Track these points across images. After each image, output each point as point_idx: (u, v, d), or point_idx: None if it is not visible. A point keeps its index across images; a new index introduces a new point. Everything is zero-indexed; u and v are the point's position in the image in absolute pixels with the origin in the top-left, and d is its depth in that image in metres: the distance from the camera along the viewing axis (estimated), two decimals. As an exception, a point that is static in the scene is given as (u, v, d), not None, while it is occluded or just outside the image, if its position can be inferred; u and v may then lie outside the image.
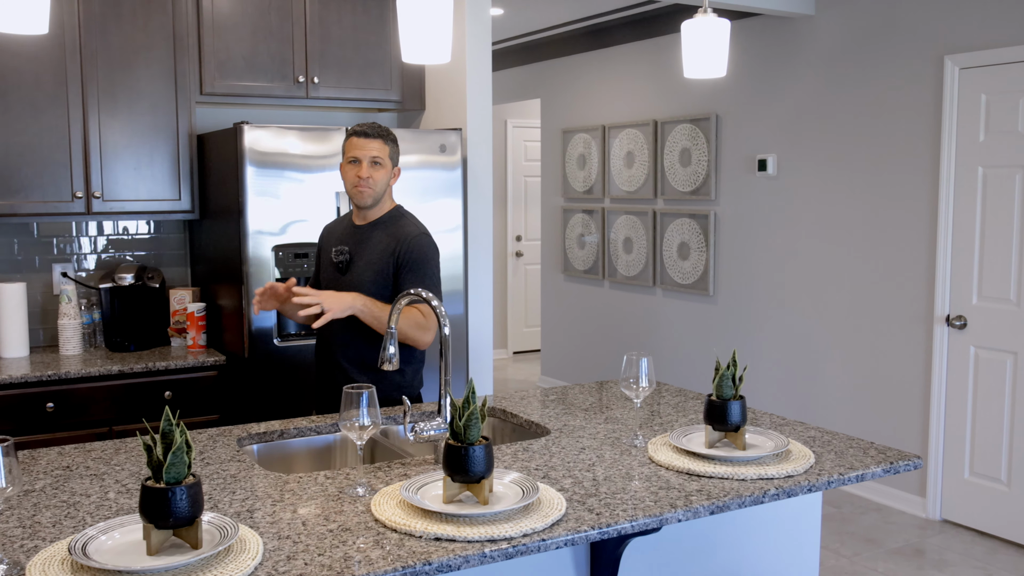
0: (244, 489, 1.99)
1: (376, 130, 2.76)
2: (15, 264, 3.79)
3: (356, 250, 2.82)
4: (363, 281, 2.76)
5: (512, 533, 1.70)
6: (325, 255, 2.92)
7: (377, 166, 2.75)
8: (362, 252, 2.80)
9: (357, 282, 2.76)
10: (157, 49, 3.65)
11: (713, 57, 2.58)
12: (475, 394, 1.86)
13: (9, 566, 1.56)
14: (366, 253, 2.79)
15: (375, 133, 2.76)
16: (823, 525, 4.35)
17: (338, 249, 2.84)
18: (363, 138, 2.75)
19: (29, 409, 3.26)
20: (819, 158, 4.95)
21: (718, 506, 1.91)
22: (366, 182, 2.74)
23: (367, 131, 2.75)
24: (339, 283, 2.80)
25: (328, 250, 2.90)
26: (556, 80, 7.02)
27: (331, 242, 2.90)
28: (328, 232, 2.97)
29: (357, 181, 2.75)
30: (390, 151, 2.79)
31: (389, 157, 2.78)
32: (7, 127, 3.43)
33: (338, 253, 2.84)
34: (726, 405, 2.17)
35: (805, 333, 5.09)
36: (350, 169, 2.76)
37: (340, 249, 2.84)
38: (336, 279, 2.83)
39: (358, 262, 2.80)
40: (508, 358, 8.69)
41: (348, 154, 2.77)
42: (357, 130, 2.77)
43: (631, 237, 6.28)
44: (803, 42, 5.00)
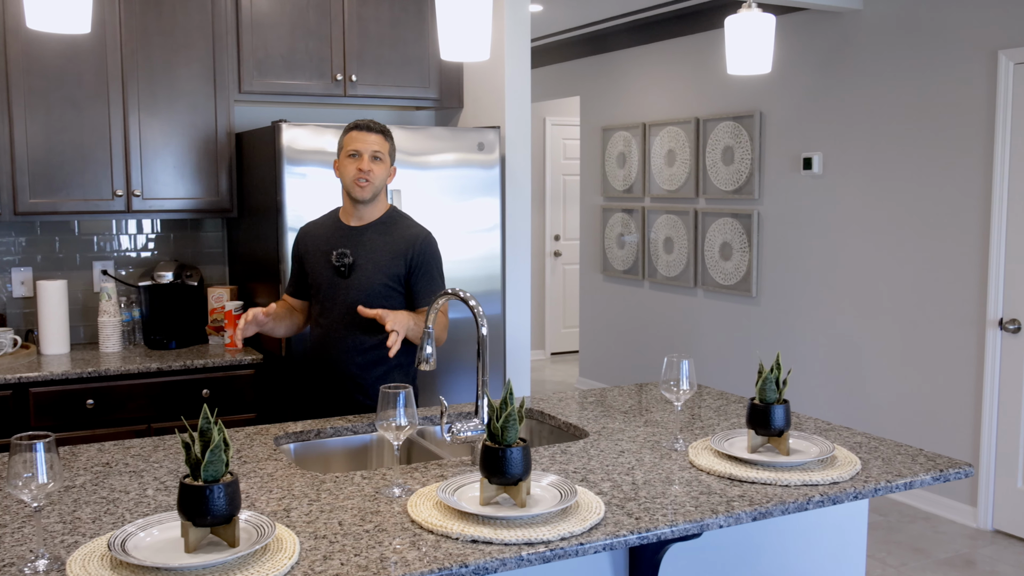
0: (281, 488, 2.01)
1: (376, 125, 2.78)
2: (56, 262, 3.87)
3: (358, 252, 2.78)
4: (372, 284, 2.75)
5: (550, 536, 1.70)
6: (315, 258, 2.84)
7: (377, 161, 2.75)
8: (366, 254, 2.78)
9: (364, 285, 2.76)
10: (196, 48, 3.70)
11: (757, 53, 2.56)
12: (513, 395, 1.86)
13: (50, 561, 1.60)
14: (372, 255, 2.78)
15: (376, 128, 2.77)
16: (869, 534, 4.29)
17: (340, 252, 2.79)
18: (364, 131, 2.75)
19: (70, 405, 3.33)
20: (866, 156, 4.89)
21: (761, 512, 1.89)
22: (367, 175, 2.73)
23: (369, 125, 2.77)
24: (340, 287, 2.78)
25: (316, 253, 2.84)
26: (596, 77, 7.01)
27: (320, 245, 2.84)
28: (311, 235, 2.90)
29: (358, 174, 2.73)
30: (389, 147, 2.79)
31: (388, 154, 2.79)
32: (49, 126, 3.50)
33: (340, 256, 2.79)
34: (769, 409, 2.15)
35: (851, 336, 5.02)
36: (350, 163, 2.74)
37: (342, 252, 2.79)
38: (335, 283, 2.79)
39: (363, 265, 2.77)
40: (546, 359, 8.69)
41: (347, 148, 2.75)
42: (359, 124, 2.77)
43: (672, 237, 6.24)
44: (850, 37, 4.94)
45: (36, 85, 3.46)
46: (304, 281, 2.91)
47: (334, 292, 2.79)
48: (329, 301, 2.80)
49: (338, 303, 2.78)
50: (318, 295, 2.84)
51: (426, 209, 3.76)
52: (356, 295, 2.75)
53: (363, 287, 2.76)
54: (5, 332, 3.56)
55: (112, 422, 3.39)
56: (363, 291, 2.75)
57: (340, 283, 2.78)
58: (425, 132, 3.76)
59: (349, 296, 2.76)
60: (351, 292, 2.76)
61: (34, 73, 3.46)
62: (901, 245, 4.73)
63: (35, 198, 3.50)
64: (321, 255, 2.83)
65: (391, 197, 3.67)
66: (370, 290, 2.75)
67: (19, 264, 3.81)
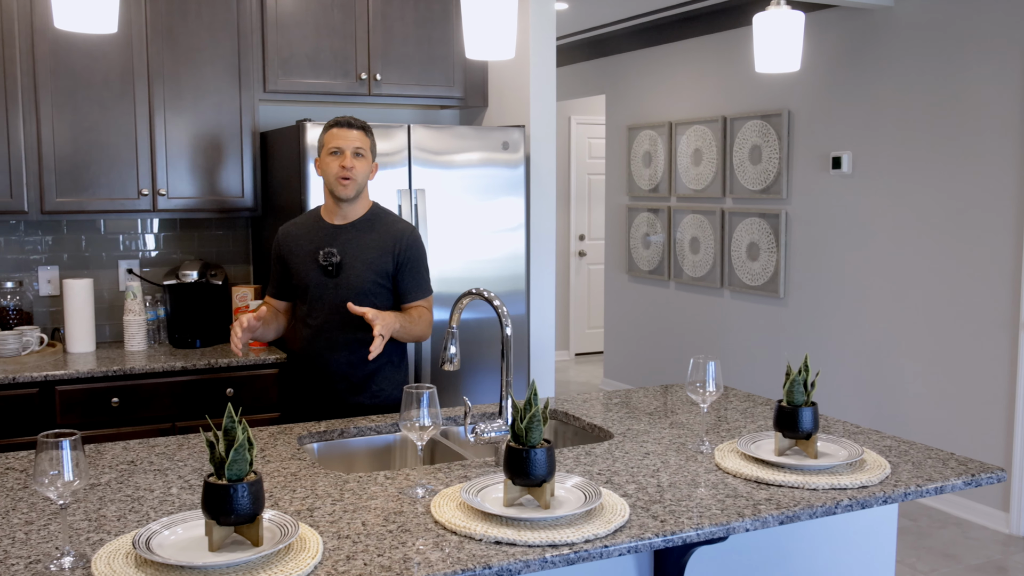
0: (304, 487, 2.02)
1: (357, 122, 2.78)
2: (82, 261, 3.92)
3: (345, 251, 2.78)
4: (362, 282, 2.76)
5: (574, 539, 1.69)
6: (300, 259, 2.83)
7: (359, 157, 2.76)
8: (353, 252, 2.78)
9: (353, 284, 2.76)
10: (221, 47, 3.73)
11: (786, 51, 2.54)
12: (537, 396, 1.86)
13: (76, 558, 1.62)
14: (360, 253, 2.78)
15: (357, 125, 2.78)
16: (899, 539, 4.25)
17: (327, 251, 2.78)
18: (345, 128, 2.76)
19: (95, 403, 3.36)
20: (897, 155, 4.84)
21: (788, 516, 1.88)
22: (350, 172, 2.73)
23: (350, 122, 2.77)
24: (328, 286, 2.78)
25: (301, 253, 2.83)
26: (622, 75, 6.99)
27: (304, 245, 2.83)
28: (294, 236, 2.88)
29: (341, 171, 2.73)
30: (370, 144, 2.80)
31: (369, 150, 2.80)
32: (76, 125, 3.54)
33: (327, 255, 2.78)
34: (797, 411, 2.14)
35: (881, 338, 4.98)
36: (331, 161, 2.75)
37: (329, 251, 2.78)
38: (323, 283, 2.79)
39: (351, 263, 2.77)
40: (570, 360, 8.68)
41: (329, 145, 2.76)
42: (339, 121, 2.77)
43: (698, 237, 6.22)
44: (881, 34, 4.89)
45: (63, 85, 3.50)
46: (288, 282, 2.89)
47: (322, 292, 2.79)
48: (318, 301, 2.80)
49: (327, 302, 2.78)
50: (305, 295, 2.83)
51: (450, 208, 3.77)
52: (345, 293, 2.76)
53: (352, 285, 2.76)
54: (32, 330, 3.61)
55: (137, 420, 3.43)
56: (352, 289, 2.76)
57: (328, 283, 2.78)
58: (450, 131, 3.77)
59: (338, 295, 2.77)
60: (340, 291, 2.77)
61: (61, 73, 3.50)
62: (931, 245, 4.68)
63: (61, 197, 3.54)
64: (306, 255, 2.82)
65: (415, 196, 3.68)
66: (359, 288, 2.76)
67: (45, 263, 3.86)
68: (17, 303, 3.73)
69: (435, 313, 3.75)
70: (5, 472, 2.13)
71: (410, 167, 3.69)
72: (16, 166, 3.47)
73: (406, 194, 3.67)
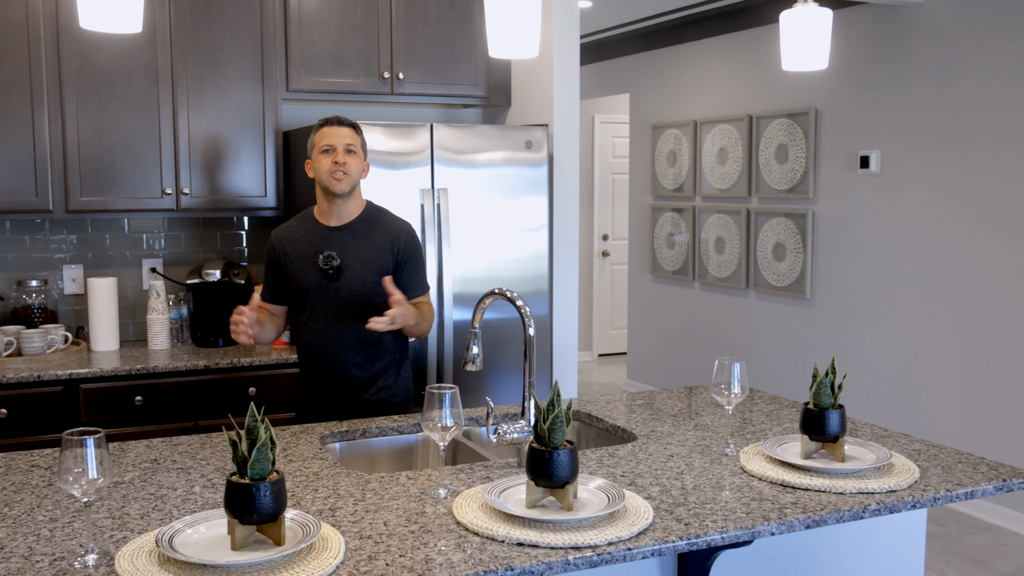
0: (326, 487, 2.03)
1: (346, 120, 2.80)
2: (106, 259, 3.96)
3: (344, 253, 2.78)
4: (363, 283, 2.76)
5: (597, 541, 1.69)
6: (298, 263, 2.81)
7: (351, 153, 2.76)
8: (353, 254, 2.78)
9: (354, 285, 2.76)
10: (245, 47, 3.76)
11: (814, 49, 2.53)
12: (560, 396, 1.86)
13: (99, 555, 1.63)
14: (359, 254, 2.78)
15: (346, 123, 2.79)
16: (928, 544, 4.21)
17: (327, 255, 2.77)
18: (335, 126, 2.77)
19: (119, 402, 3.40)
20: (927, 154, 4.79)
21: (814, 520, 1.87)
22: (343, 167, 2.73)
23: (339, 119, 2.79)
24: (329, 290, 2.77)
25: (299, 258, 2.81)
26: (646, 74, 6.97)
27: (302, 249, 2.81)
28: (289, 240, 2.86)
29: (333, 167, 2.73)
30: (360, 141, 2.80)
31: (361, 147, 2.80)
32: (100, 124, 3.57)
33: (327, 259, 2.77)
34: (824, 414, 2.12)
35: (910, 340, 4.93)
36: (324, 159, 2.74)
37: (329, 255, 2.77)
38: (324, 286, 2.78)
39: (351, 265, 2.77)
40: (593, 360, 8.67)
41: (320, 144, 2.76)
42: (328, 120, 2.79)
43: (723, 237, 6.19)
44: (911, 31, 4.85)
45: (88, 84, 3.54)
46: (285, 287, 2.87)
47: (323, 295, 2.78)
48: (319, 304, 2.79)
49: (328, 306, 2.78)
50: (306, 299, 2.81)
51: (473, 208, 3.77)
52: (347, 296, 2.77)
53: (353, 287, 2.77)
54: (56, 328, 3.65)
55: (160, 419, 3.46)
56: (354, 291, 2.77)
57: (329, 286, 2.77)
58: (472, 130, 3.78)
59: (340, 297, 2.77)
60: (341, 293, 2.77)
61: (86, 73, 3.54)
62: (962, 246, 4.63)
63: (86, 196, 3.58)
64: (304, 259, 2.80)
65: (437, 196, 3.69)
66: (360, 289, 2.77)
67: (70, 262, 3.90)
68: (42, 301, 3.77)
69: (458, 313, 3.76)
70: (30, 469, 2.16)
71: (433, 166, 3.70)
72: (41, 165, 3.51)
73: (428, 193, 3.68)
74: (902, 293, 4.96)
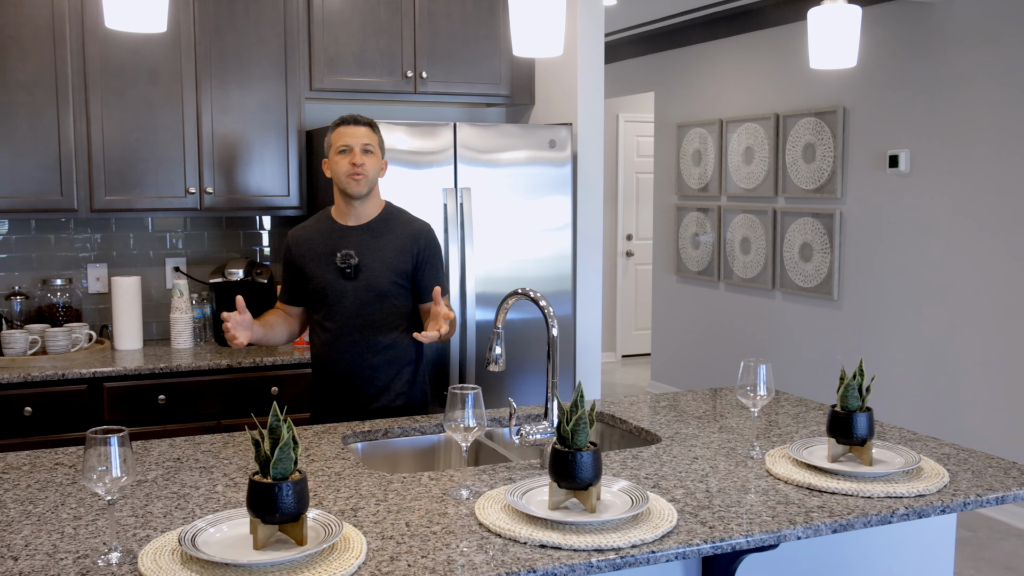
0: (348, 487, 2.04)
1: (363, 119, 2.78)
2: (130, 258, 3.99)
3: (362, 252, 2.77)
4: (381, 283, 2.75)
5: (620, 543, 1.69)
6: (316, 263, 2.80)
7: (368, 153, 2.74)
8: (372, 253, 2.77)
9: (372, 285, 2.75)
10: (269, 46, 3.78)
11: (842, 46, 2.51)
12: (583, 398, 1.85)
13: (123, 554, 1.65)
14: (378, 254, 2.77)
15: (363, 121, 2.77)
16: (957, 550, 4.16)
17: (344, 253, 2.76)
18: (351, 126, 2.75)
19: (142, 400, 3.43)
20: (957, 153, 4.74)
21: (841, 524, 1.85)
22: (360, 168, 2.71)
23: (356, 119, 2.76)
24: (347, 289, 2.76)
25: (316, 257, 2.80)
26: (671, 72, 6.95)
27: (318, 248, 2.80)
28: (307, 240, 2.85)
29: (351, 169, 2.71)
30: (378, 140, 2.78)
31: (378, 146, 2.78)
32: (125, 123, 3.61)
33: (346, 258, 2.76)
34: (851, 417, 2.11)
35: (939, 342, 4.88)
36: (341, 159, 2.73)
37: (347, 254, 2.76)
38: (341, 286, 2.77)
39: (370, 264, 2.76)
40: (616, 361, 8.65)
41: (337, 144, 2.74)
42: (345, 119, 2.77)
43: (749, 237, 6.16)
44: (941, 28, 4.80)
45: (112, 84, 3.57)
46: (302, 287, 2.86)
47: (340, 295, 2.77)
48: (336, 304, 2.78)
49: (346, 306, 2.77)
50: (323, 300, 2.80)
51: (496, 208, 3.77)
52: (365, 295, 2.76)
53: (372, 287, 2.76)
54: (81, 327, 3.69)
55: (183, 418, 3.49)
56: (372, 291, 2.76)
57: (347, 285, 2.76)
58: (496, 129, 3.78)
59: (357, 297, 2.76)
60: (359, 293, 2.76)
61: (111, 72, 3.57)
62: (993, 247, 4.58)
63: (111, 195, 3.62)
64: (322, 258, 2.80)
65: (460, 195, 3.69)
66: (378, 289, 2.76)
67: (94, 260, 3.94)
68: (67, 300, 3.81)
69: (481, 313, 3.77)
70: (54, 467, 2.18)
71: (456, 165, 3.71)
72: (67, 165, 3.54)
73: (451, 193, 3.69)
74: (932, 294, 4.91)
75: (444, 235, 3.69)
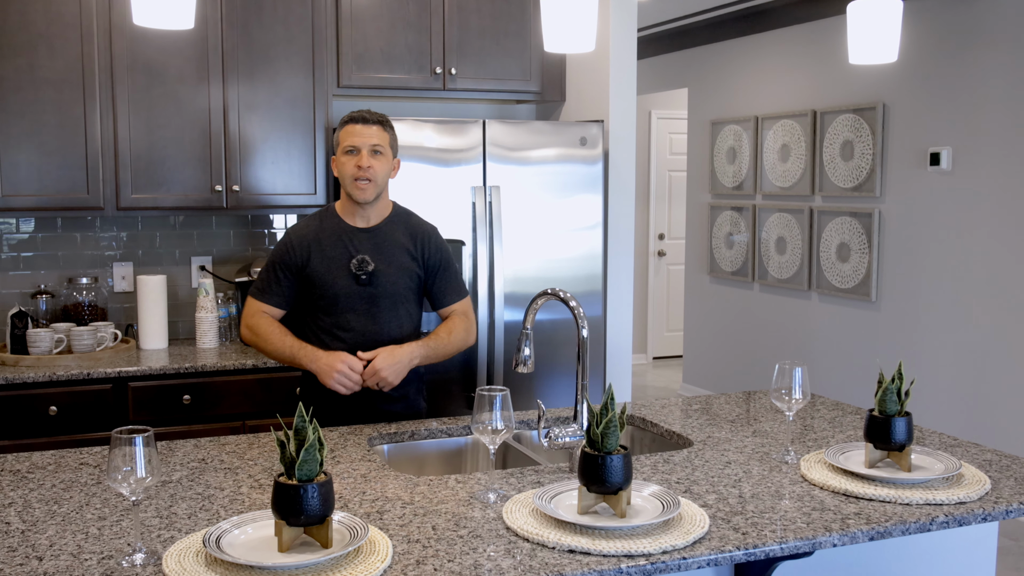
0: (374, 489, 2.05)
1: (374, 116, 2.65)
2: (156, 257, 4.04)
3: (377, 257, 2.67)
4: (396, 288, 2.68)
5: (651, 549, 1.68)
6: (325, 267, 2.67)
7: (378, 155, 2.62)
8: (386, 258, 2.68)
9: (388, 291, 2.67)
10: (296, 42, 3.80)
11: (883, 41, 2.48)
12: (614, 400, 1.85)
13: (147, 555, 1.67)
14: (392, 258, 2.68)
15: (373, 119, 2.64)
16: (999, 560, 4.11)
17: (361, 260, 2.66)
18: (360, 124, 2.63)
19: (167, 400, 3.46)
20: (1002, 151, 4.68)
21: (878, 532, 1.84)
22: (367, 172, 2.60)
23: (365, 116, 2.64)
24: (362, 296, 2.66)
25: (325, 260, 2.67)
26: (705, 68, 6.91)
27: (328, 251, 2.67)
28: (311, 242, 2.69)
29: (357, 172, 2.60)
30: (390, 139, 2.67)
31: (389, 146, 2.66)
32: (151, 121, 3.65)
33: (362, 263, 2.65)
34: (890, 422, 2.09)
35: (981, 345, 4.82)
36: (347, 160, 2.62)
37: (363, 260, 2.66)
38: (356, 292, 2.66)
39: (385, 270, 2.67)
40: (647, 363, 8.62)
41: (344, 143, 2.63)
42: (354, 116, 2.65)
43: (784, 237, 6.11)
44: (985, 21, 4.74)
45: (139, 81, 3.62)
46: (304, 291, 2.71)
47: (354, 302, 2.66)
48: (351, 312, 2.67)
49: (361, 313, 2.66)
50: (334, 306, 2.67)
51: (526, 206, 3.78)
52: (381, 301, 2.67)
53: (387, 293, 2.67)
54: (106, 326, 3.73)
55: (208, 418, 3.52)
56: (388, 297, 2.67)
57: (362, 292, 2.66)
58: (526, 126, 3.78)
59: (373, 304, 2.66)
60: (376, 300, 2.66)
61: (137, 69, 3.61)
62: (1040, 247, 4.52)
63: (137, 193, 3.66)
64: (332, 262, 2.67)
65: (489, 194, 3.70)
66: (394, 295, 2.68)
67: (120, 259, 3.99)
68: (92, 299, 3.86)
69: (510, 313, 3.76)
70: (79, 467, 2.21)
71: (485, 163, 3.71)
72: (93, 163, 3.59)
73: (480, 191, 3.70)
74: (973, 296, 4.85)
75: (472, 234, 3.70)
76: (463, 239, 3.71)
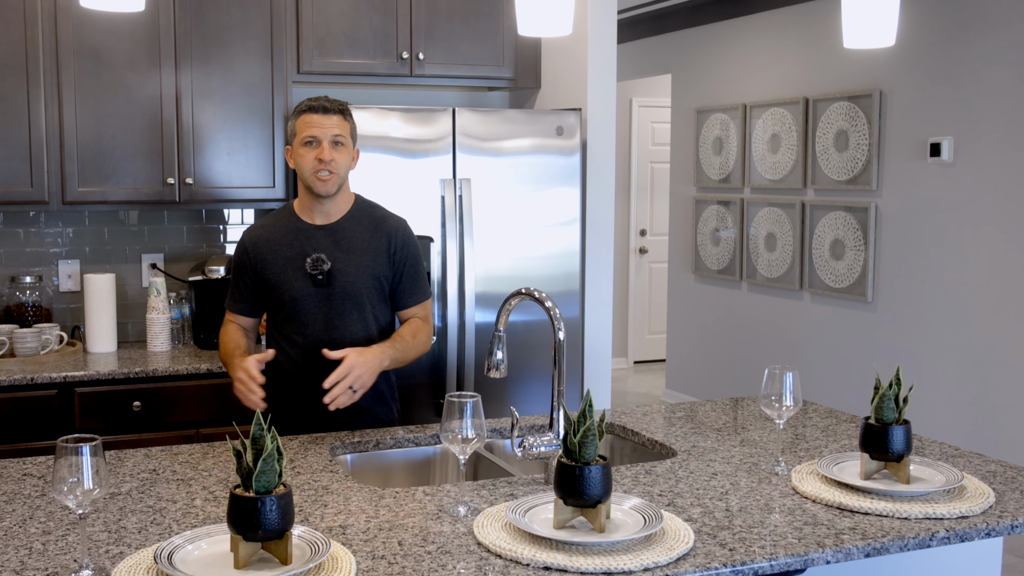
0: (337, 502, 2.05)
1: (334, 104, 2.63)
2: (105, 254, 4.01)
3: (334, 255, 2.66)
4: (357, 290, 2.66)
5: (631, 566, 1.69)
6: (280, 268, 2.67)
7: (339, 146, 2.61)
8: (345, 256, 2.66)
9: (348, 292, 2.65)
10: (253, 25, 3.79)
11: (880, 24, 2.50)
12: (592, 407, 1.86)
13: (95, 571, 1.66)
14: (352, 256, 2.67)
15: (334, 108, 2.62)
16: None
17: (315, 258, 2.64)
18: (320, 114, 2.61)
19: (116, 407, 3.44)
20: (1005, 141, 4.74)
21: (875, 547, 1.86)
22: (329, 165, 2.59)
23: (324, 105, 2.62)
24: (319, 298, 2.65)
25: (280, 261, 2.67)
26: (690, 53, 6.95)
27: (283, 252, 2.67)
28: (266, 242, 2.70)
29: (318, 165, 2.59)
30: (351, 128, 2.66)
31: (350, 135, 2.65)
32: (99, 109, 3.62)
33: (316, 262, 2.64)
34: (887, 430, 2.11)
35: (985, 348, 4.88)
36: (306, 152, 2.60)
37: (318, 258, 2.64)
38: (312, 294, 2.65)
39: (344, 269, 2.65)
40: (628, 368, 8.65)
41: (302, 134, 2.61)
42: (312, 105, 2.62)
43: (774, 233, 6.16)
44: (989, 3, 4.79)
45: (86, 67, 3.59)
46: (263, 296, 2.73)
47: (311, 305, 2.66)
48: (307, 315, 2.66)
49: (318, 316, 2.66)
50: (292, 310, 2.67)
51: (498, 200, 3.78)
52: (339, 304, 2.66)
53: (347, 294, 2.66)
54: (51, 328, 3.70)
55: (159, 426, 3.50)
56: (348, 298, 2.66)
57: (319, 293, 2.65)
58: (498, 115, 3.79)
59: (331, 306, 2.66)
60: (333, 301, 2.66)
61: (84, 54, 3.58)
62: (1042, 245, 4.58)
63: (84, 186, 3.63)
64: (287, 263, 2.67)
65: (459, 187, 3.70)
66: (354, 296, 2.66)
67: (66, 256, 3.96)
68: (36, 299, 3.83)
69: (481, 315, 3.77)
70: (22, 478, 2.19)
71: (454, 154, 3.71)
72: (37, 154, 3.56)
73: (449, 184, 3.70)
74: (976, 296, 4.91)
75: (441, 230, 3.70)
76: (431, 235, 3.71)
